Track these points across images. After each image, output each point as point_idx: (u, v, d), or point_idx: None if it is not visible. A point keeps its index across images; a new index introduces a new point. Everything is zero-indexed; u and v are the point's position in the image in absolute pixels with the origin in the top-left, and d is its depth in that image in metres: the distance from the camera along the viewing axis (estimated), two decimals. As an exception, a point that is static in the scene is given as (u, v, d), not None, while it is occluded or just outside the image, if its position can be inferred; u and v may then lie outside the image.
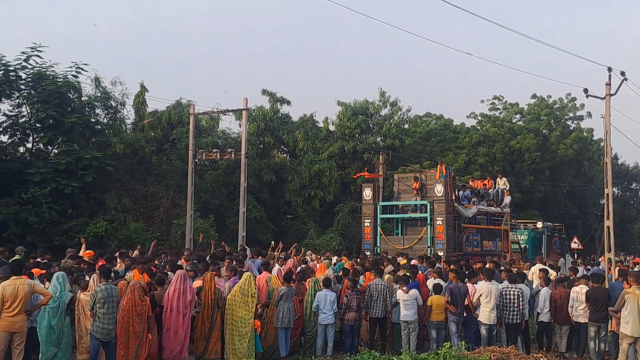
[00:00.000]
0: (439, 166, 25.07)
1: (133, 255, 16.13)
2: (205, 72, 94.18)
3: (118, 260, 14.77)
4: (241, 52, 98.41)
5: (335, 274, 15.58)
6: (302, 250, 20.95)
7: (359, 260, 19.74)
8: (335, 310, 13.18)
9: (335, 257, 20.05)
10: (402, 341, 13.34)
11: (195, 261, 14.36)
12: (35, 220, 23.25)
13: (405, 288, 13.36)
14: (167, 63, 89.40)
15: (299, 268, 16.13)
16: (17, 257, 15.71)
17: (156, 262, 15.40)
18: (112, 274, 12.05)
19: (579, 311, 13.20)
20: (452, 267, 15.65)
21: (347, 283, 13.84)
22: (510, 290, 13.17)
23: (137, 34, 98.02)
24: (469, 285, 13.61)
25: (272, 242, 23.42)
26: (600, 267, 21.64)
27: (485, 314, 12.93)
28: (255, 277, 13.43)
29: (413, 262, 18.31)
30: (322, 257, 19.17)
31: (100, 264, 13.56)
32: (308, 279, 14.52)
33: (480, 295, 13.02)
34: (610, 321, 12.71)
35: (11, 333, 9.79)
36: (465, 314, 13.31)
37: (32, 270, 11.98)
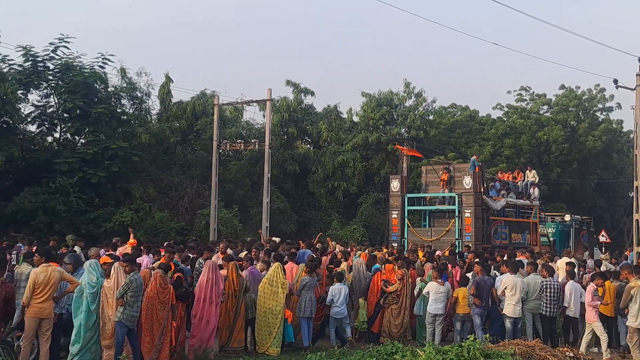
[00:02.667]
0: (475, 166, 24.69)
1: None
2: (230, 62, 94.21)
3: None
4: (265, 42, 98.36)
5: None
6: (330, 242, 20.82)
7: (385, 250, 19.67)
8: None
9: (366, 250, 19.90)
10: (427, 333, 13.29)
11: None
12: (63, 209, 23.44)
13: (440, 280, 13.24)
14: (192, 54, 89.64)
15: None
16: (68, 244, 15.93)
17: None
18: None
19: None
20: (476, 259, 15.60)
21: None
22: (550, 283, 13.09)
23: (161, 25, 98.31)
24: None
25: None
26: (628, 261, 21.35)
27: (510, 307, 12.82)
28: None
29: (437, 253, 18.28)
30: (357, 248, 19.12)
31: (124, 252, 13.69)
32: (336, 268, 14.65)
33: (506, 288, 12.89)
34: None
35: (40, 319, 9.84)
36: (490, 307, 13.21)
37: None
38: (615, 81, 20.14)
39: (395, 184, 25.53)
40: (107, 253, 13.56)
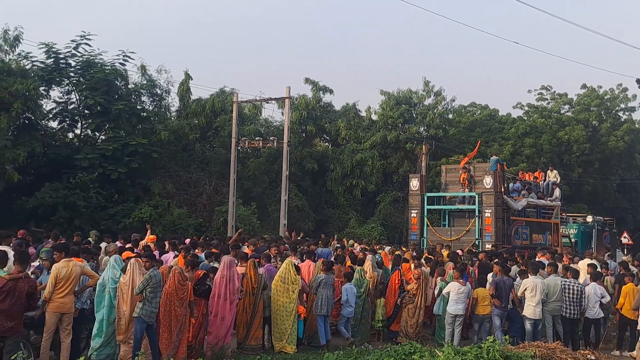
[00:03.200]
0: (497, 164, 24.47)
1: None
2: (249, 60, 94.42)
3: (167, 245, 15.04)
4: (284, 40, 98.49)
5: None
6: (346, 242, 20.82)
7: (404, 249, 19.67)
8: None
9: (388, 248, 19.91)
10: (446, 334, 13.15)
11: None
12: (83, 205, 23.57)
13: (462, 280, 13.14)
14: (211, 51, 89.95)
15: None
16: (90, 240, 16.05)
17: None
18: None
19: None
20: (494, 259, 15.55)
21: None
22: (572, 285, 13.00)
23: (182, 22, 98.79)
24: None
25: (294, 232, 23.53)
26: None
27: (531, 309, 12.73)
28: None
29: (459, 252, 18.22)
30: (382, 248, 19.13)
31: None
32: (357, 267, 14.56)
33: (526, 289, 12.79)
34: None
35: (61, 314, 9.90)
36: (509, 308, 13.12)
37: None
38: (638, 81, 19.89)
39: (414, 183, 25.38)
40: (127, 247, 13.66)
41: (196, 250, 14.34)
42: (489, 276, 14.09)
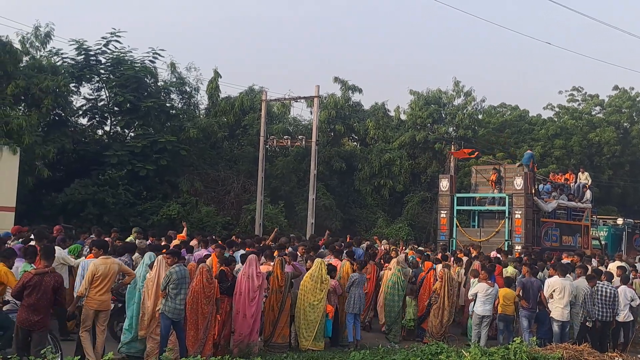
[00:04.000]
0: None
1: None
2: (278, 59, 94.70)
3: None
4: (314, 39, 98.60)
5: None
6: (378, 241, 20.80)
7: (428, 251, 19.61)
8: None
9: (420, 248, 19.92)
10: (473, 334, 13.08)
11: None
12: (111, 201, 23.81)
13: (490, 281, 13.01)
14: (241, 49, 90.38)
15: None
16: (131, 237, 16.13)
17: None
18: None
19: None
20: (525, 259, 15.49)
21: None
22: (605, 288, 12.92)
23: (212, 20, 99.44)
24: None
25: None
26: None
27: (559, 311, 12.58)
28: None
29: (493, 254, 18.02)
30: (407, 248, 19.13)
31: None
32: (388, 264, 14.84)
33: (554, 290, 12.62)
34: None
35: (97, 311, 9.92)
36: (538, 310, 12.96)
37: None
38: (670, 82, 19.51)
39: (444, 184, 25.28)
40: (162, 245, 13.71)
41: (229, 251, 14.40)
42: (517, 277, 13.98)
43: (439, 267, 14.73)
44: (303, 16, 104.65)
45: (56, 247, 11.01)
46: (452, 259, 16.48)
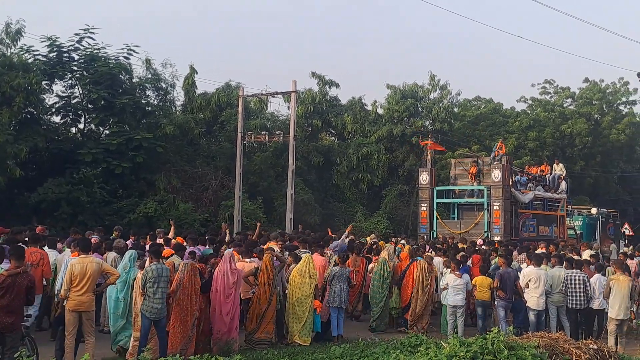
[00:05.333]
0: (498, 144, 24.88)
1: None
2: (255, 54, 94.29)
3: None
4: (290, 34, 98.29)
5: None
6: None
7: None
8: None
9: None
10: (448, 326, 13.40)
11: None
12: (86, 200, 23.46)
13: (458, 272, 13.28)
14: (216, 45, 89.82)
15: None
16: (114, 235, 15.99)
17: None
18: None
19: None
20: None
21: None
22: (575, 276, 13.12)
23: (187, 16, 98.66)
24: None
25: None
26: None
27: (534, 300, 12.88)
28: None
29: (479, 241, 18.69)
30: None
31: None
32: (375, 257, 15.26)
33: (529, 280, 12.90)
34: None
35: (80, 312, 9.76)
36: (514, 299, 13.23)
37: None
38: (639, 75, 19.92)
39: (424, 177, 25.64)
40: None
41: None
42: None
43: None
44: (279, 11, 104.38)
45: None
46: (431, 250, 16.76)
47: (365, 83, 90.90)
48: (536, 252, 15.87)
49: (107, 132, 27.72)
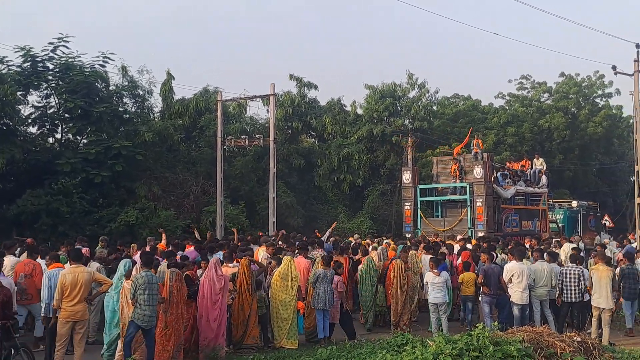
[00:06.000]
0: (475, 141, 25.06)
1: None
2: (232, 58, 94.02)
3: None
4: (267, 37, 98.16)
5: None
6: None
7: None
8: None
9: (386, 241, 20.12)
10: (432, 323, 13.54)
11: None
12: (66, 211, 23.20)
13: (436, 271, 13.32)
14: (193, 50, 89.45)
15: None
16: (99, 246, 16.04)
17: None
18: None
19: None
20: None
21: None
22: (570, 270, 13.25)
23: (162, 22, 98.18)
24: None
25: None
26: (631, 244, 21.52)
27: (518, 294, 12.98)
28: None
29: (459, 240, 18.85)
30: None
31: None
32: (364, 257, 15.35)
33: (513, 275, 13.00)
34: None
35: (73, 322, 9.76)
36: (497, 295, 13.36)
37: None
38: (614, 67, 20.28)
39: (407, 176, 25.80)
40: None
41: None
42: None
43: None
44: (255, 14, 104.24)
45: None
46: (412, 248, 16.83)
47: (344, 84, 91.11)
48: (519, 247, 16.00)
49: (85, 141, 27.44)
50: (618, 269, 14.24)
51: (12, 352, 9.13)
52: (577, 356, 7.36)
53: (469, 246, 17.55)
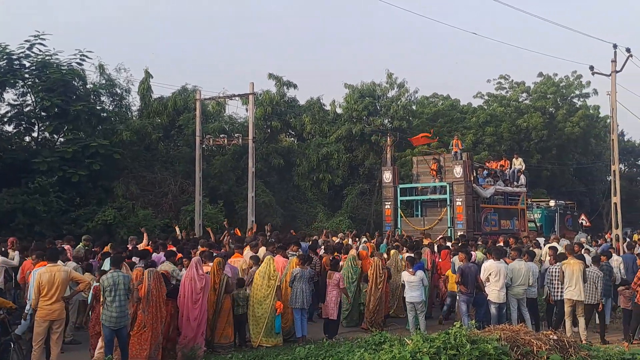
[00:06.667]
0: (454, 141, 25.22)
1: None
2: (211, 57, 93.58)
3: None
4: (246, 36, 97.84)
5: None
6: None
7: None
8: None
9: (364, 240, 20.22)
10: (410, 322, 13.59)
11: None
12: (43, 210, 23.02)
13: (411, 270, 13.38)
14: (171, 48, 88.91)
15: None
16: (81, 244, 15.89)
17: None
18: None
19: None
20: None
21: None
22: (555, 269, 13.44)
23: (140, 19, 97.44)
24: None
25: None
26: (608, 243, 21.75)
27: (495, 293, 13.03)
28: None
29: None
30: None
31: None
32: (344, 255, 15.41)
33: (490, 274, 13.06)
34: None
35: (50, 321, 9.72)
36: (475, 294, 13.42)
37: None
38: (592, 68, 20.49)
39: (387, 175, 25.85)
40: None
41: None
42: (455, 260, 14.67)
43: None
44: (234, 12, 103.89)
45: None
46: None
47: (324, 83, 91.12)
48: (496, 245, 16.14)
49: (62, 139, 27.23)
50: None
51: (12, 345, 9.36)
52: (553, 354, 7.42)
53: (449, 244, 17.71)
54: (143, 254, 12.97)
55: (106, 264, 11.19)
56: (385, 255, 15.90)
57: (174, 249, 14.96)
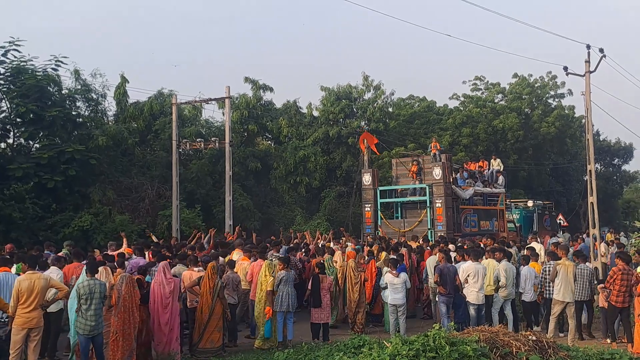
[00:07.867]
0: (432, 143, 25.41)
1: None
2: (187, 61, 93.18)
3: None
4: (222, 39, 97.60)
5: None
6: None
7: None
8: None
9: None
10: (391, 324, 13.65)
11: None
12: (18, 216, 22.69)
13: (395, 272, 13.40)
14: (147, 53, 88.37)
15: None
16: (64, 251, 15.76)
17: None
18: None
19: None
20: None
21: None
22: (547, 267, 13.64)
23: (116, 24, 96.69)
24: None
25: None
26: (585, 243, 21.93)
27: (474, 294, 13.13)
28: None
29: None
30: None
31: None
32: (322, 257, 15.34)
33: (469, 275, 13.15)
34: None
35: (28, 329, 9.63)
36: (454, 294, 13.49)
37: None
38: (566, 68, 20.71)
39: (366, 178, 25.98)
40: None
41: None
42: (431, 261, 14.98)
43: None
44: (206, 16, 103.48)
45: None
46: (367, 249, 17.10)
47: (300, 86, 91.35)
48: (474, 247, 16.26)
49: (37, 145, 26.85)
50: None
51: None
52: (533, 355, 7.51)
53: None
54: (119, 261, 12.76)
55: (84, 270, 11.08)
56: (366, 257, 15.93)
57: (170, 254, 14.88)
